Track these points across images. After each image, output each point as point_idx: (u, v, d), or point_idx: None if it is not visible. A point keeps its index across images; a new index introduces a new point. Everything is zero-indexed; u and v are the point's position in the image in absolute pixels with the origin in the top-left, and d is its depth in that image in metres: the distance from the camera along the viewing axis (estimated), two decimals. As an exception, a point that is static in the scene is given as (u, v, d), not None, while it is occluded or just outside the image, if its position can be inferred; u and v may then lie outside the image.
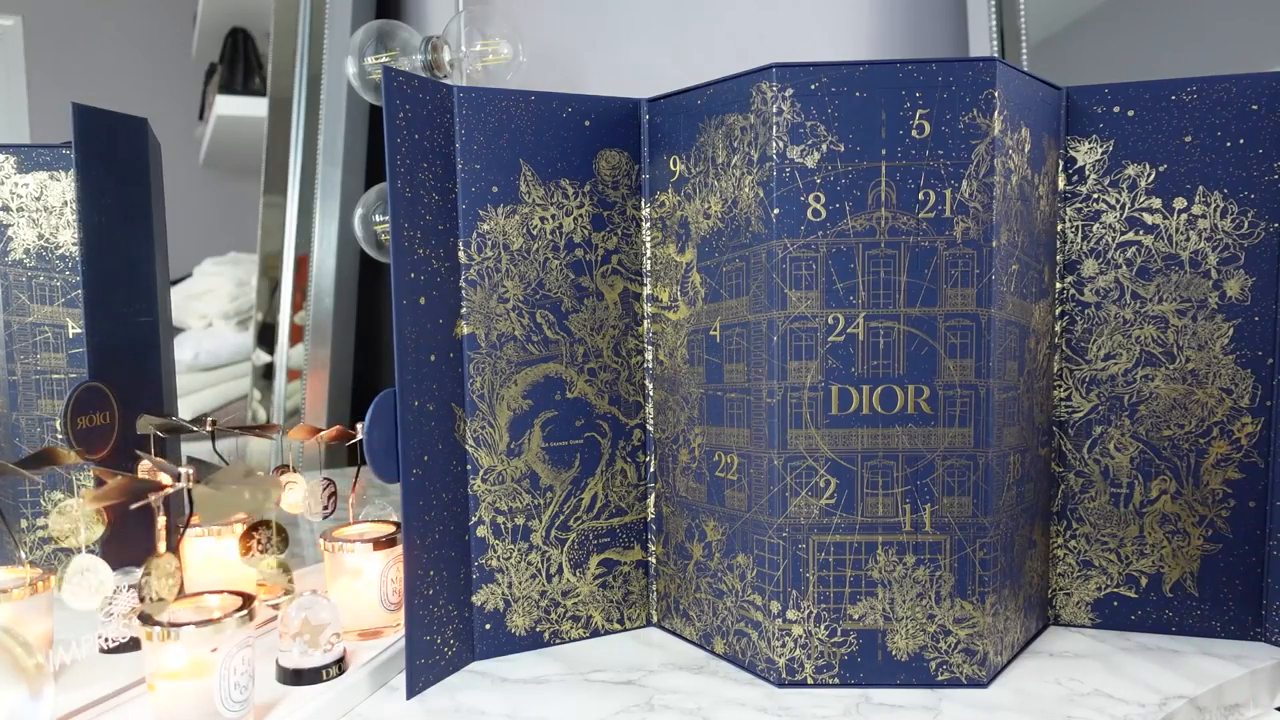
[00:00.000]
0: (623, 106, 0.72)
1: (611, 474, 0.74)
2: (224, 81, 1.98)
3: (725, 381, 0.67)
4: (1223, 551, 0.71)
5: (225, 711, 0.55)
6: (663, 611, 0.76)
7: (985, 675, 0.64)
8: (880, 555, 0.64)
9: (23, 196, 0.78)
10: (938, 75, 0.61)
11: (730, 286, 0.67)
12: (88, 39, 2.03)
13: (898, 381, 0.63)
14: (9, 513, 0.78)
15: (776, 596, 0.64)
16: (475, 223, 0.68)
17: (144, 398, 0.82)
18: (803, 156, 0.62)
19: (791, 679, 0.65)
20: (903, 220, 0.62)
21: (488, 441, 0.70)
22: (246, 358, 1.69)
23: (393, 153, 0.62)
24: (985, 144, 0.61)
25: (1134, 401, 0.71)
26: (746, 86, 0.63)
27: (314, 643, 0.63)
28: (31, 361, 0.78)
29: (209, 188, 2.06)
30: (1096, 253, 0.71)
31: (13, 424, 0.78)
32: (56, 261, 0.79)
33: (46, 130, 1.59)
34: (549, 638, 0.73)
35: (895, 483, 0.63)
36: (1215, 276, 0.69)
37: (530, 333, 0.71)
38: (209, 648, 0.54)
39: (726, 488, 0.68)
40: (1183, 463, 0.71)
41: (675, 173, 0.71)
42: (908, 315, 0.62)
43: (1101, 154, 0.71)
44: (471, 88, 0.68)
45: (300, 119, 1.49)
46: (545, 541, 0.72)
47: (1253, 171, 0.68)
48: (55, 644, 0.62)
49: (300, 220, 1.48)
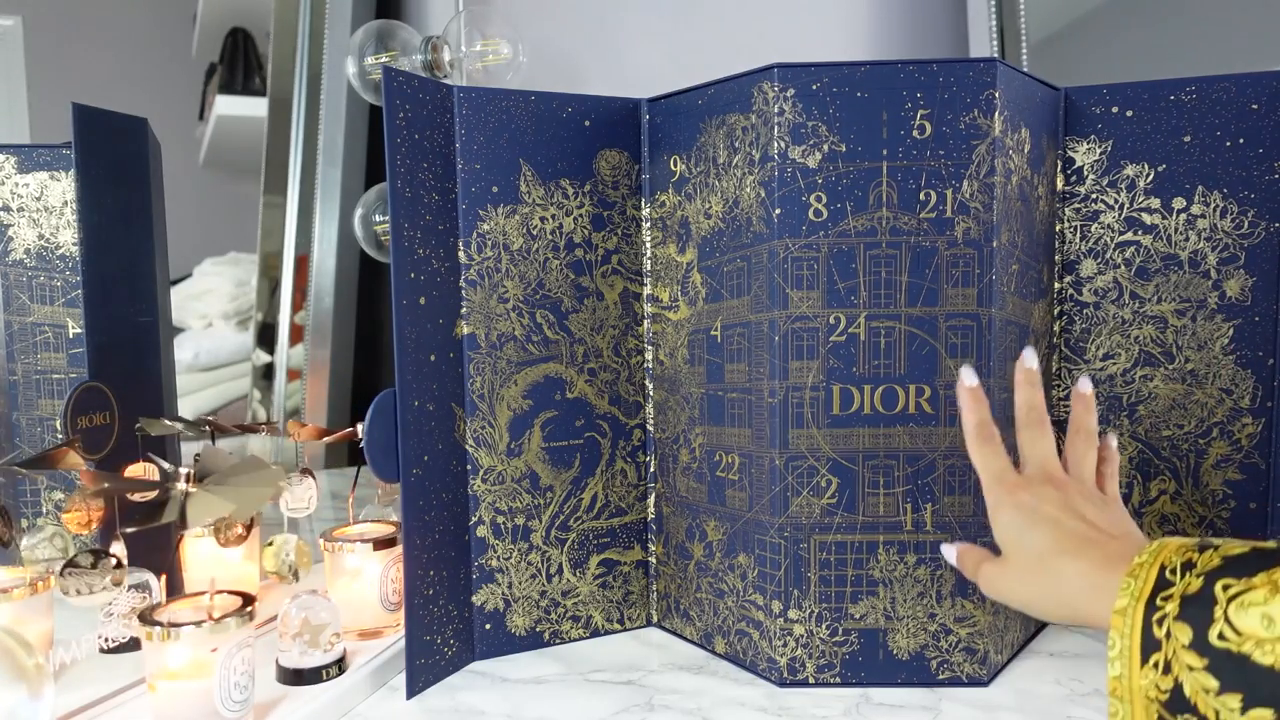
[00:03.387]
0: (623, 106, 0.73)
1: (611, 474, 0.74)
2: (224, 81, 1.98)
3: (726, 381, 0.67)
4: (1223, 551, 0.71)
5: (225, 711, 0.55)
6: (663, 611, 0.76)
7: (986, 674, 0.64)
8: (881, 555, 0.64)
9: (23, 196, 0.78)
10: (938, 76, 0.61)
11: (731, 286, 0.67)
12: (88, 39, 2.03)
13: (899, 381, 0.63)
14: (9, 513, 0.78)
15: (778, 596, 0.64)
16: (475, 223, 0.68)
17: (144, 398, 0.82)
18: (804, 156, 0.62)
19: (793, 678, 0.65)
20: (904, 220, 0.62)
21: (488, 441, 0.70)
22: (246, 358, 1.69)
23: (393, 153, 0.62)
24: (986, 144, 0.61)
25: (1133, 401, 0.71)
26: (748, 86, 0.64)
27: (314, 643, 0.63)
28: (32, 361, 0.78)
29: (209, 188, 2.06)
30: (1095, 253, 0.71)
31: (13, 424, 0.78)
32: (56, 261, 0.79)
33: (46, 130, 1.59)
34: (549, 638, 0.73)
35: (896, 482, 0.63)
36: (1215, 276, 0.69)
37: (530, 333, 0.71)
38: (209, 648, 0.54)
39: (727, 487, 0.68)
40: (1182, 463, 0.71)
41: (676, 173, 0.71)
42: (909, 315, 0.62)
43: (1100, 154, 0.71)
44: (471, 88, 0.68)
45: (300, 119, 1.49)
46: (545, 541, 0.72)
47: (1252, 171, 0.68)
48: (55, 644, 0.62)
49: (300, 220, 1.48)
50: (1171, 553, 0.42)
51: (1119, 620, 0.42)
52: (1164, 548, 0.43)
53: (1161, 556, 0.43)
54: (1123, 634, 0.41)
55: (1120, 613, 0.42)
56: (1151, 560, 0.43)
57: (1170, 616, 0.40)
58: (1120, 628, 0.42)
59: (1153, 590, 0.41)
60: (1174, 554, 0.42)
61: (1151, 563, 0.43)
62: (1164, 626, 0.40)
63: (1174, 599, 0.40)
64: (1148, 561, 0.43)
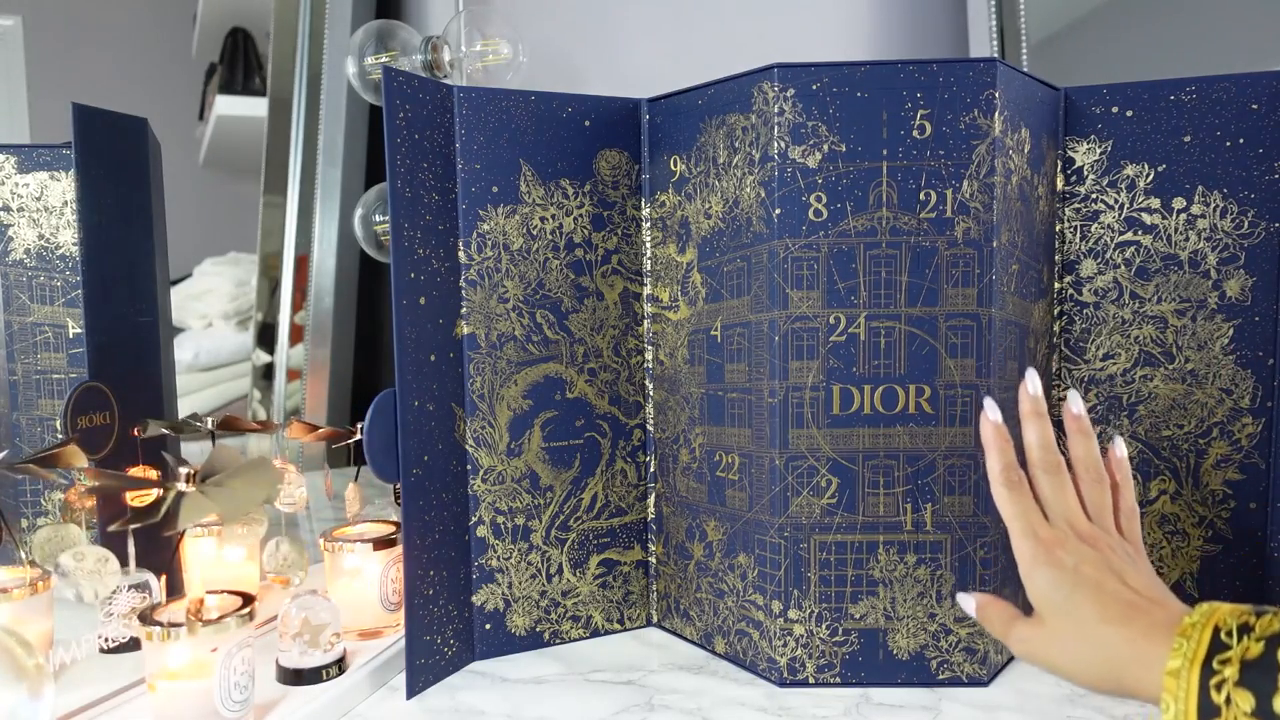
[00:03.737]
0: (623, 106, 0.73)
1: (611, 474, 0.74)
2: (224, 81, 1.98)
3: (726, 381, 0.67)
4: (1223, 553, 0.71)
5: (225, 711, 0.55)
6: (663, 611, 0.76)
7: (986, 674, 0.64)
8: (881, 554, 0.64)
9: (23, 196, 0.78)
10: (939, 76, 0.61)
11: (731, 286, 0.67)
12: (88, 39, 2.03)
13: (899, 381, 0.63)
14: (9, 513, 0.78)
15: (778, 596, 0.64)
16: (475, 223, 0.68)
17: (144, 398, 0.82)
18: (804, 156, 0.62)
19: (793, 678, 0.65)
20: (904, 220, 0.62)
21: (488, 441, 0.70)
22: (246, 358, 1.69)
23: (393, 153, 0.62)
24: (986, 144, 0.61)
25: (1133, 401, 0.71)
26: (748, 86, 0.64)
27: (314, 643, 0.63)
28: (32, 361, 0.78)
29: (209, 188, 2.06)
30: (1095, 253, 0.71)
31: (13, 424, 0.78)
32: (56, 261, 0.79)
33: (46, 130, 1.59)
34: (549, 638, 0.73)
35: (896, 482, 0.63)
36: (1215, 276, 0.69)
37: (530, 333, 0.71)
38: (209, 648, 0.54)
39: (727, 487, 0.68)
40: (1182, 463, 0.71)
41: (676, 173, 0.71)
42: (909, 315, 0.62)
43: (1100, 154, 0.71)
44: (471, 88, 0.68)
45: (300, 119, 1.49)
46: (545, 541, 0.72)
47: (1252, 171, 0.68)
48: (55, 644, 0.62)
49: (300, 220, 1.48)
50: (1226, 615, 0.41)
51: (1172, 682, 0.41)
52: (1216, 610, 0.42)
53: (1215, 618, 0.42)
54: (1177, 697, 0.40)
55: (1173, 674, 0.41)
56: (1204, 621, 0.42)
57: (1230, 682, 0.39)
58: (1174, 690, 0.41)
59: (1208, 652, 0.40)
60: (1229, 616, 0.41)
61: (1204, 624, 0.42)
62: (1223, 692, 0.39)
63: (1232, 663, 0.39)
64: (1200, 622, 0.42)
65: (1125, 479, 0.56)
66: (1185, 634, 0.42)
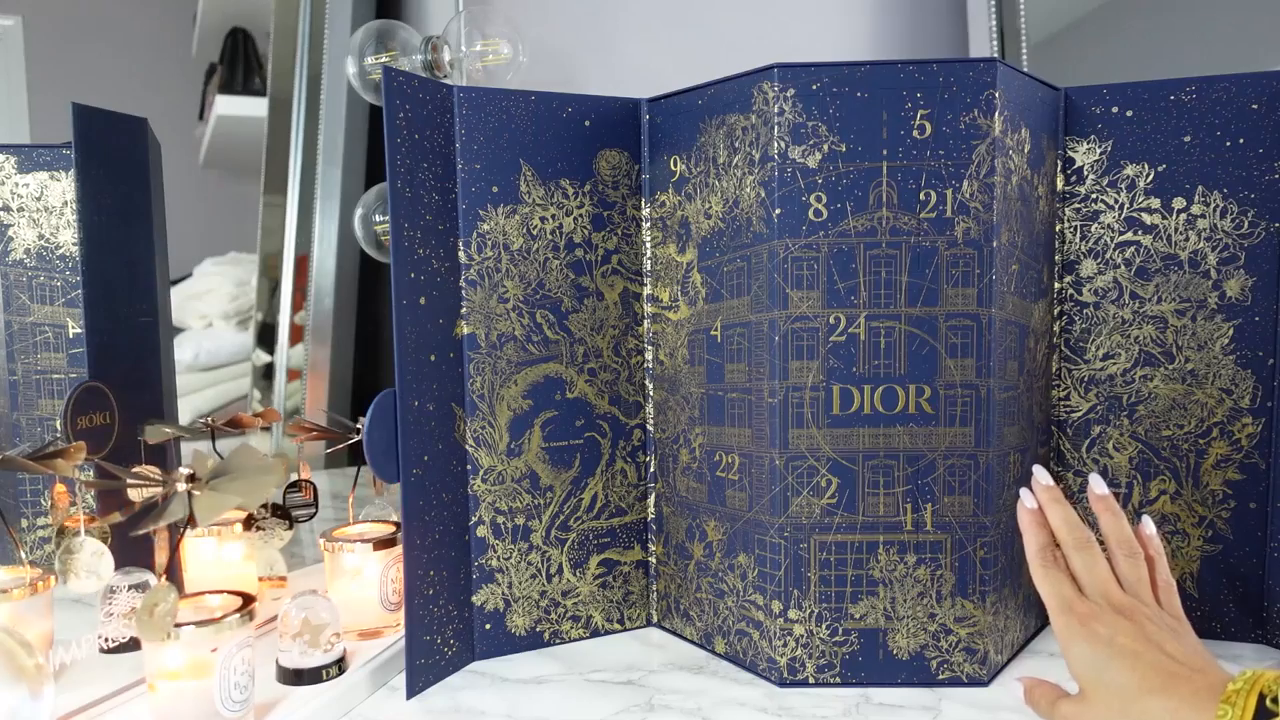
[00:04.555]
0: (623, 106, 0.73)
1: (611, 474, 0.74)
2: (224, 81, 1.98)
3: (726, 381, 0.67)
4: (1223, 553, 0.71)
5: (225, 711, 0.55)
6: (663, 611, 0.76)
7: (986, 674, 0.64)
8: (881, 554, 0.64)
9: (23, 196, 0.78)
10: (939, 76, 0.61)
11: (731, 286, 0.67)
12: (88, 39, 2.03)
13: (899, 381, 0.63)
14: (9, 512, 0.78)
15: (778, 596, 0.64)
16: (475, 223, 0.68)
17: (144, 398, 0.82)
18: (804, 157, 0.62)
19: (793, 679, 0.65)
20: (904, 220, 0.62)
21: (488, 441, 0.70)
22: (246, 358, 1.69)
23: (393, 153, 0.62)
24: (986, 144, 0.61)
25: (1133, 401, 0.71)
26: (748, 86, 0.64)
27: (314, 643, 0.63)
28: (32, 361, 0.78)
29: (209, 188, 2.06)
30: (1095, 253, 0.71)
31: (13, 424, 0.78)
32: (56, 261, 0.79)
33: (46, 130, 1.58)
34: (549, 638, 0.73)
35: (896, 482, 0.63)
36: (1215, 276, 0.69)
37: (530, 333, 0.71)
38: (209, 648, 0.54)
39: (727, 487, 0.68)
40: (1182, 463, 0.71)
41: (676, 173, 0.71)
42: (909, 315, 0.62)
43: (1100, 154, 0.71)
44: (471, 88, 0.68)
45: (300, 119, 1.49)
46: (545, 541, 0.72)
47: (1252, 171, 0.68)
48: (55, 644, 0.62)
49: (300, 220, 1.48)
50: (1270, 681, 0.41)
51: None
52: (1260, 676, 0.42)
53: (1260, 684, 0.42)
54: None
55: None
56: (1248, 688, 0.42)
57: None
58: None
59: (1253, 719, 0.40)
60: (1273, 683, 0.41)
61: (1249, 690, 0.42)
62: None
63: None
64: (1244, 689, 0.42)
65: (1158, 553, 0.57)
66: (1230, 700, 0.42)
